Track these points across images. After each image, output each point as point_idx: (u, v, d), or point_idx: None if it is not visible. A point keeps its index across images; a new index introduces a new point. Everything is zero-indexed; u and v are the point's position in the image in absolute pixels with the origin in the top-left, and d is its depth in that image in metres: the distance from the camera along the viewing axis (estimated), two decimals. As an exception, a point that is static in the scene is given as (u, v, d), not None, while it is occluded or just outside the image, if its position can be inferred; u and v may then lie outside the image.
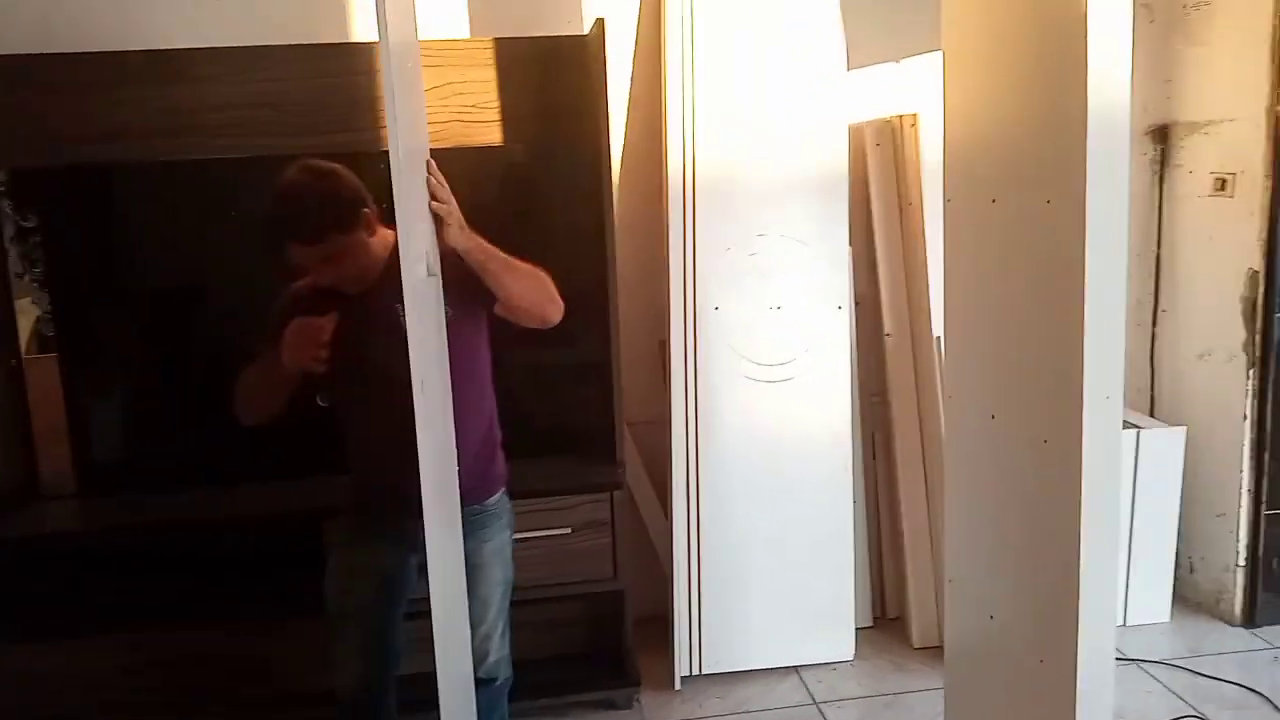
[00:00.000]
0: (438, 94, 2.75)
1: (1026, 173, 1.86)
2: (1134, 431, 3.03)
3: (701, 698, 2.84)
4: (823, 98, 2.90)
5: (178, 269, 2.86)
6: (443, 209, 1.86)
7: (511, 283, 2.01)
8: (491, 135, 2.90)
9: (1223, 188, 3.08)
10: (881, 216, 3.09)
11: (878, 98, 3.13)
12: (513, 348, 2.91)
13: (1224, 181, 3.08)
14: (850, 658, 2.95)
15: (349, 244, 1.99)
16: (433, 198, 1.83)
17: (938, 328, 2.91)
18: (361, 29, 2.95)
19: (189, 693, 2.65)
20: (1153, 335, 3.33)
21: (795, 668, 2.93)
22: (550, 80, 2.90)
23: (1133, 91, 1.74)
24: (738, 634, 2.91)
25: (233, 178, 2.80)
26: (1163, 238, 3.30)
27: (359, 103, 2.85)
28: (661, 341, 3.04)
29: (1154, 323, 3.33)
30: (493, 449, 2.23)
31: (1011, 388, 1.93)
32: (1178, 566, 3.15)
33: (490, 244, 1.98)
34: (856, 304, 3.06)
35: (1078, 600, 1.74)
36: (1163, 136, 3.27)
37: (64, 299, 2.77)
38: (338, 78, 2.82)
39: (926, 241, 2.95)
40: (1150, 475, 3.04)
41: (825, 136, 2.91)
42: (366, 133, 2.86)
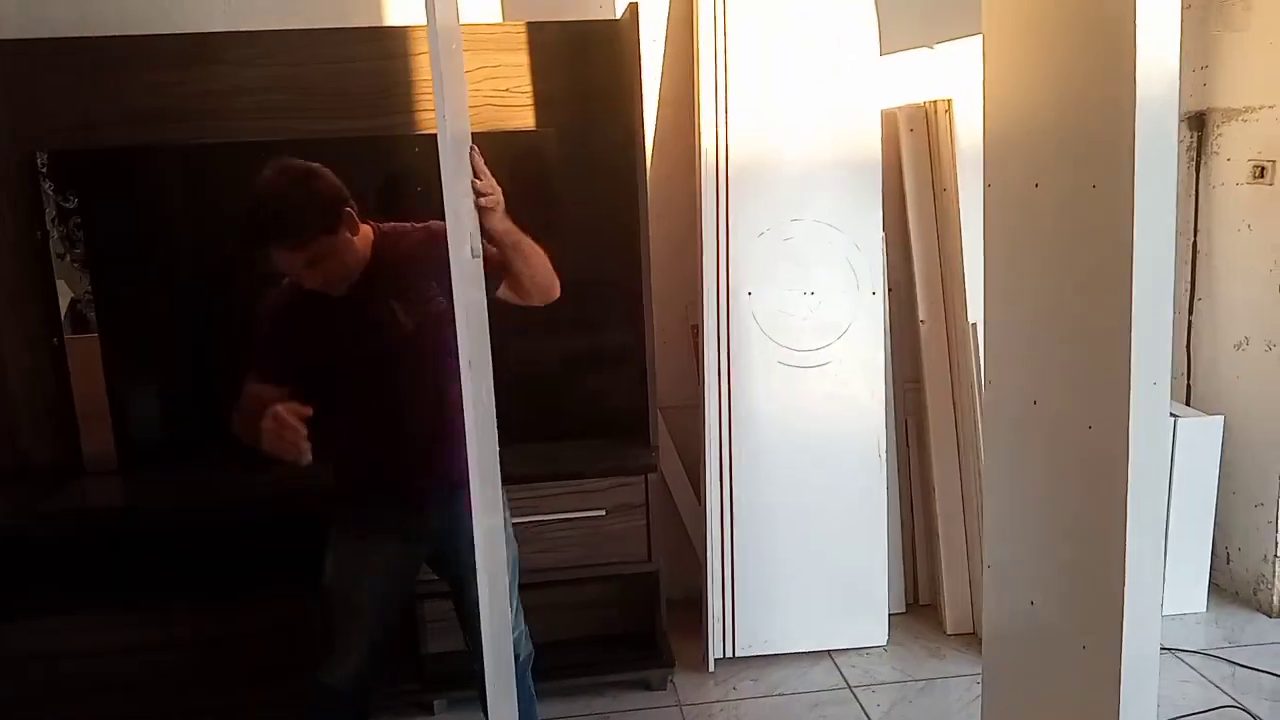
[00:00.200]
0: (471, 78, 2.76)
1: (1071, 157, 1.83)
2: (1171, 420, 3.00)
3: (735, 680, 2.85)
4: (856, 82, 2.88)
5: (214, 250, 2.87)
6: (489, 197, 1.85)
7: (536, 263, 2.03)
8: (524, 119, 2.90)
9: (1261, 175, 3.05)
10: (915, 202, 3.07)
11: (911, 83, 3.11)
12: (547, 333, 2.94)
13: (1263, 169, 3.04)
14: (884, 643, 2.95)
15: (334, 245, 1.94)
16: (476, 183, 1.82)
17: (973, 314, 2.90)
18: (393, 13, 2.96)
19: (225, 667, 2.68)
20: (1189, 324, 3.30)
21: (828, 652, 2.93)
22: (583, 64, 2.90)
23: (1175, 77, 1.72)
24: (771, 617, 2.91)
25: (267, 160, 2.79)
26: (1199, 225, 3.27)
27: (392, 87, 2.86)
28: (694, 326, 3.04)
29: (1190, 311, 3.30)
30: None
31: (1054, 373, 1.91)
32: (1214, 556, 3.13)
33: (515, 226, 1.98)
34: (890, 290, 3.04)
35: (1124, 586, 1.72)
36: (1200, 123, 3.24)
37: (104, 279, 2.79)
38: (370, 61, 2.84)
39: (961, 227, 2.93)
40: (1187, 464, 3.02)
41: (859, 121, 2.89)
42: (399, 116, 2.88)
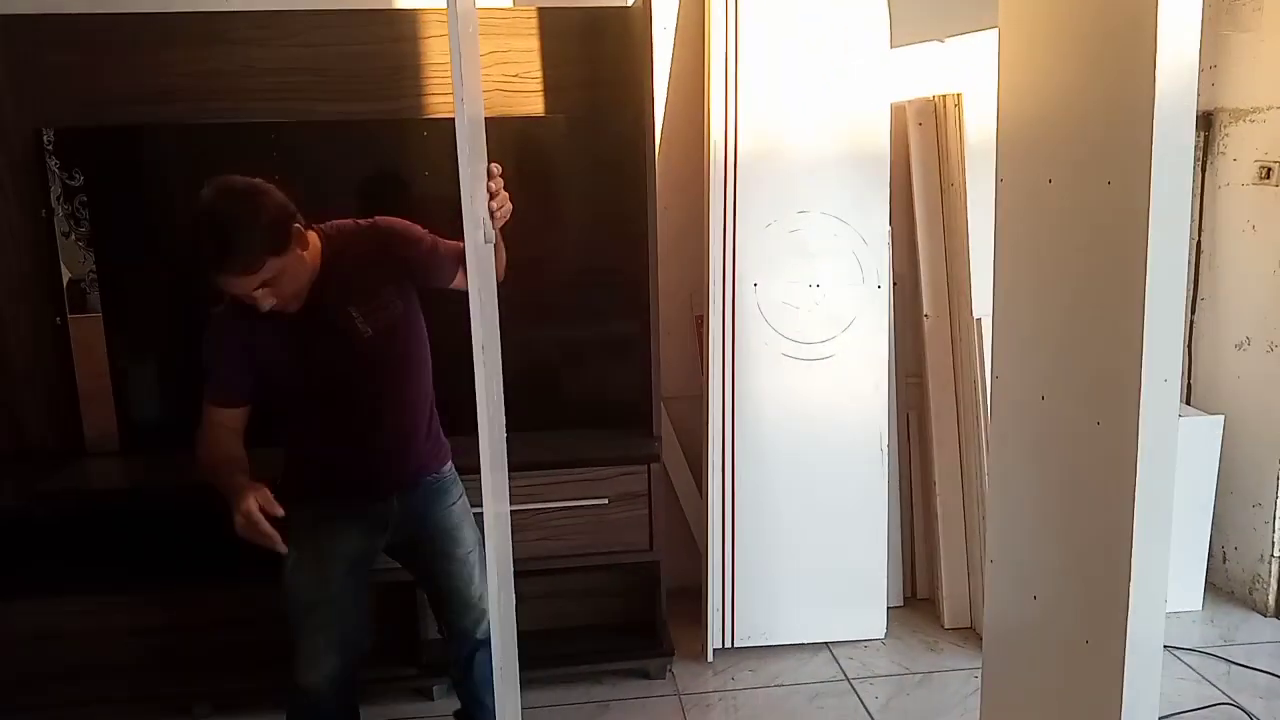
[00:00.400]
0: (481, 63, 2.73)
1: (1086, 153, 1.83)
2: (1174, 418, 3.02)
3: (734, 670, 2.85)
4: (866, 75, 2.88)
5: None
6: (503, 210, 1.84)
7: (501, 259, 2.06)
8: (534, 105, 2.90)
9: (1267, 176, 3.06)
10: (923, 196, 3.07)
11: (921, 76, 3.10)
12: (550, 321, 2.93)
13: (1269, 170, 3.05)
14: (882, 636, 2.96)
15: (286, 265, 1.91)
16: (491, 202, 1.78)
17: (977, 309, 2.90)
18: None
19: (226, 650, 2.69)
20: (1190, 323, 3.31)
21: (827, 644, 2.95)
22: (593, 52, 2.90)
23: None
24: (770, 609, 2.92)
25: (275, 141, 2.79)
26: (1203, 225, 3.27)
27: (402, 70, 2.85)
28: (698, 317, 3.03)
29: (1192, 310, 3.31)
30: (438, 422, 2.24)
31: (1064, 369, 1.92)
32: (1210, 555, 3.15)
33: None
34: (894, 284, 3.04)
35: (1129, 583, 1.73)
36: (1207, 124, 3.24)
37: (108, 259, 2.77)
38: (380, 44, 2.83)
39: (968, 222, 2.94)
40: (1186, 463, 3.02)
41: (868, 114, 2.89)
42: (407, 99, 2.87)
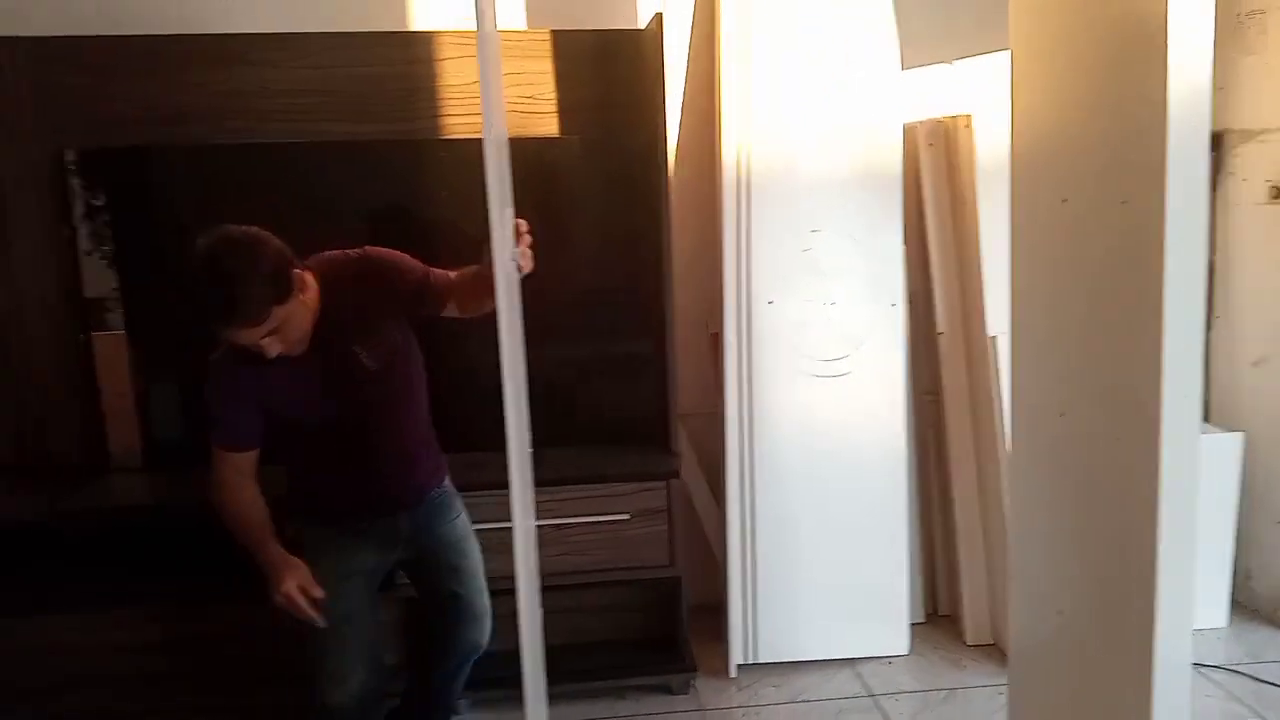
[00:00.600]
0: (498, 84, 2.77)
1: (1101, 172, 1.85)
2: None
3: (758, 686, 2.84)
4: (878, 97, 2.90)
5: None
6: (525, 260, 1.81)
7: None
8: (548, 126, 2.92)
9: (1278, 196, 3.08)
10: (935, 215, 3.09)
11: (931, 98, 3.13)
12: (566, 339, 2.94)
13: (1279, 190, 3.07)
14: (905, 652, 2.95)
15: (290, 312, 1.91)
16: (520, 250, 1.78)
17: (992, 327, 2.91)
18: (417, 18, 2.98)
19: (249, 665, 2.67)
20: (1206, 341, 3.32)
21: (850, 660, 2.93)
22: (607, 73, 2.93)
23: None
24: (792, 625, 2.91)
25: (292, 161, 2.83)
26: (1215, 244, 3.28)
27: (416, 92, 2.88)
28: (714, 334, 3.04)
29: (1207, 329, 3.32)
30: (434, 439, 2.28)
31: (1083, 386, 1.92)
32: (1234, 574, 3.12)
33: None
34: (908, 302, 3.05)
35: (1154, 598, 1.73)
36: (1216, 144, 3.26)
37: (131, 276, 2.80)
38: (396, 66, 2.86)
39: (980, 241, 2.95)
40: (1207, 480, 2.98)
41: (880, 135, 2.91)
42: (421, 121, 2.90)
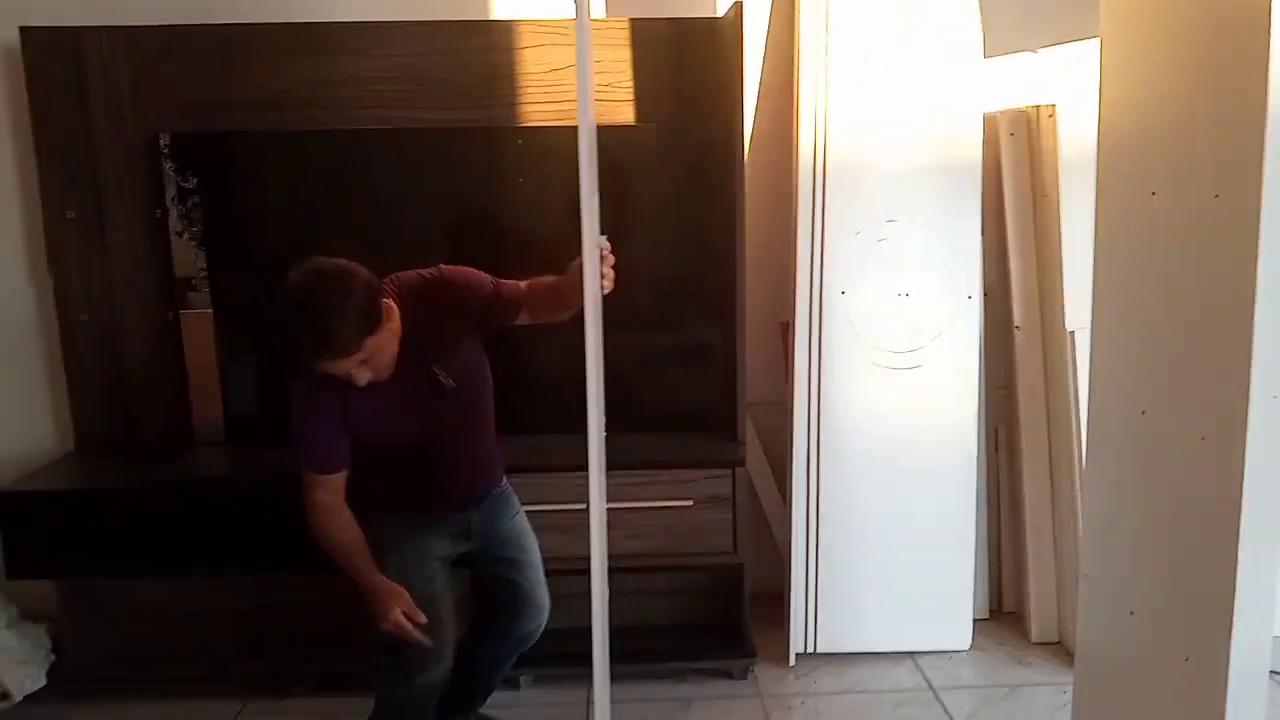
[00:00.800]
0: (572, 72, 2.79)
1: (1192, 166, 1.81)
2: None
3: (816, 674, 2.86)
4: (958, 85, 2.87)
5: (323, 234, 2.95)
6: (609, 278, 1.85)
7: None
8: (624, 114, 2.94)
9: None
10: (1014, 206, 3.04)
11: (1013, 87, 3.07)
12: (637, 327, 2.97)
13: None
14: (967, 647, 2.93)
15: (380, 340, 1.97)
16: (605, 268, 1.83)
17: (1071, 322, 2.87)
18: (499, 8, 3.03)
19: (323, 631, 2.79)
20: None
21: (910, 653, 2.93)
22: (685, 61, 2.93)
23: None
24: (853, 616, 2.92)
25: (377, 148, 2.90)
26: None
27: (498, 79, 2.92)
28: (784, 323, 3.05)
29: None
30: (497, 442, 2.35)
31: (1166, 383, 1.90)
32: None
33: None
34: (984, 294, 3.02)
35: (1233, 600, 1.71)
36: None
37: (218, 257, 2.90)
38: (478, 54, 2.90)
39: (1061, 234, 2.90)
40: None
41: (959, 124, 2.88)
42: (501, 108, 2.94)
